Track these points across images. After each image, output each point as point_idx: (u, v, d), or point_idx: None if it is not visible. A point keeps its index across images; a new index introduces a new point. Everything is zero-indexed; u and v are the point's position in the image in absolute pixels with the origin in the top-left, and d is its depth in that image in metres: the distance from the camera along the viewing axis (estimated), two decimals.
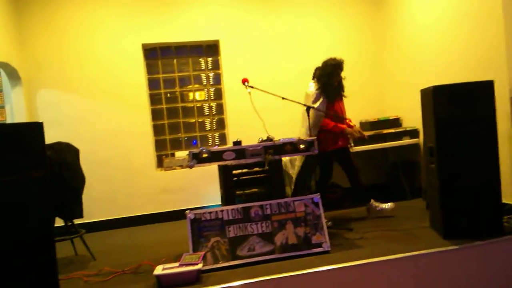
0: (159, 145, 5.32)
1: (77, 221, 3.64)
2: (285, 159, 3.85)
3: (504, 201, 3.19)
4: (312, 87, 3.98)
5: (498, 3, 3.19)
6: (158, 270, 2.66)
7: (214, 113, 5.50)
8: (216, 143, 5.49)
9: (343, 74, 3.98)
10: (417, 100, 3.41)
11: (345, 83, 4.11)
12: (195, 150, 3.16)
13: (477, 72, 3.62)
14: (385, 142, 4.87)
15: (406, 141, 4.84)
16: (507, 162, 3.20)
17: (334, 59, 3.92)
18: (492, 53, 3.46)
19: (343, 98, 4.13)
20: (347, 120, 4.12)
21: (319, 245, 3.02)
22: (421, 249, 2.83)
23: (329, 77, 3.89)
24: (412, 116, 4.49)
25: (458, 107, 3.01)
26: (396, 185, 5.00)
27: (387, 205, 4.04)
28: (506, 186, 3.18)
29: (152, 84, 5.32)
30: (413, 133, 4.86)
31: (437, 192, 3.10)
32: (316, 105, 3.78)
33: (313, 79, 4.07)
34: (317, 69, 4.06)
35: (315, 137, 3.45)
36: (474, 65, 3.74)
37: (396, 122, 5.14)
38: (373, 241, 3.22)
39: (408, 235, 3.31)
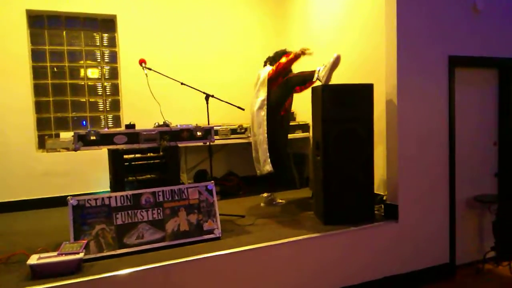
0: (42, 124, 4.82)
1: None
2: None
3: (376, 192, 3.60)
4: (266, 68, 4.10)
5: (381, 15, 3.56)
6: (33, 259, 2.43)
7: (108, 93, 5.16)
8: (110, 125, 5.17)
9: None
10: (310, 97, 3.64)
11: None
12: (82, 132, 2.94)
13: (360, 75, 4.00)
14: None
15: (298, 134, 5.14)
16: (381, 158, 3.61)
17: (285, 49, 4.17)
18: (374, 59, 3.85)
19: None
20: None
21: (210, 231, 3.06)
22: (303, 234, 3.06)
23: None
24: (304, 111, 4.78)
25: (342, 105, 3.30)
26: (287, 173, 5.29)
27: (282, 201, 4.29)
28: (378, 179, 3.60)
29: (37, 56, 4.77)
30: (305, 127, 5.18)
31: (320, 183, 3.37)
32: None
33: (265, 65, 4.24)
34: (269, 57, 4.25)
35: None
36: (357, 68, 4.11)
37: (290, 117, 5.40)
38: (262, 227, 3.37)
39: (294, 221, 3.54)
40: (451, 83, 3.55)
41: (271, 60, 4.18)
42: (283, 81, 3.96)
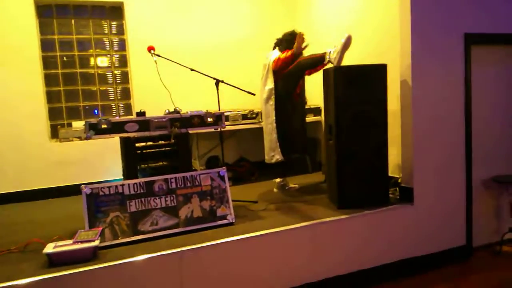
0: (54, 113, 4.85)
1: None
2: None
3: (391, 175, 3.54)
4: (274, 55, 4.01)
5: None
6: (49, 248, 2.46)
7: (118, 81, 5.15)
8: (121, 114, 5.17)
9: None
10: (321, 80, 3.57)
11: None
12: (93, 120, 2.94)
13: (373, 55, 3.90)
14: None
15: (310, 118, 5.07)
16: (395, 140, 3.54)
17: (293, 31, 4.06)
18: (387, 38, 3.75)
19: None
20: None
21: (223, 217, 3.06)
22: (317, 218, 3.04)
23: (289, 43, 3.97)
24: (316, 95, 4.71)
25: (355, 87, 3.22)
26: (299, 159, 5.25)
27: (295, 186, 4.26)
28: (392, 161, 3.53)
29: (46, 45, 4.77)
30: (316, 111, 5.11)
31: (334, 166, 3.33)
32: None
33: (274, 48, 4.16)
34: (277, 39, 4.16)
35: None
36: (370, 48, 4.01)
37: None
38: (275, 213, 3.36)
39: (307, 206, 3.51)
40: (467, 62, 3.44)
41: (280, 42, 4.11)
42: (292, 66, 3.88)
